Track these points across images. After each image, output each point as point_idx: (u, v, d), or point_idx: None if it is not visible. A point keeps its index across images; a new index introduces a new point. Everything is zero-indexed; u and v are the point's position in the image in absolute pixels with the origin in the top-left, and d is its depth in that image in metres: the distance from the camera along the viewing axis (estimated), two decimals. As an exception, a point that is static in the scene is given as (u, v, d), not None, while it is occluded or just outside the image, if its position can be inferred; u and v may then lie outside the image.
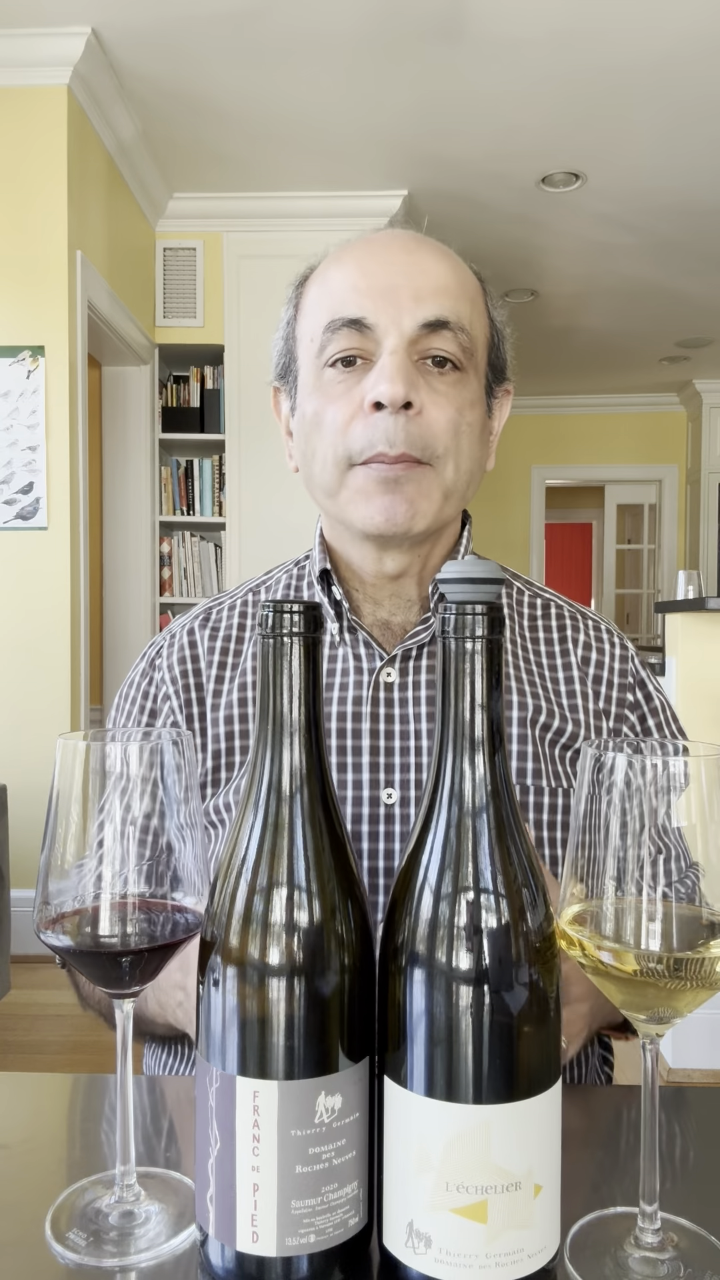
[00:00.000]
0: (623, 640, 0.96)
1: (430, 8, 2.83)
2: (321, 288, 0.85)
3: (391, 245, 0.84)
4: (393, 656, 0.86)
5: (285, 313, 0.91)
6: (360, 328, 0.80)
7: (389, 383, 0.78)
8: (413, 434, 0.80)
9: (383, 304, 0.80)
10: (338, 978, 0.46)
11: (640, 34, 2.94)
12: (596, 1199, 0.55)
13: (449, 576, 0.46)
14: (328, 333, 0.82)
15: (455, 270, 0.84)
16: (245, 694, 0.89)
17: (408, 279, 0.81)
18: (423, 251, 0.84)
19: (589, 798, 0.48)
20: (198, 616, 0.95)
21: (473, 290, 0.86)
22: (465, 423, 0.83)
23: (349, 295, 0.81)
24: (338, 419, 0.82)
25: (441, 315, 0.81)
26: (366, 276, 0.81)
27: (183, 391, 4.34)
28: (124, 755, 0.51)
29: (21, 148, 3.15)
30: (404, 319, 0.80)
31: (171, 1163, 0.58)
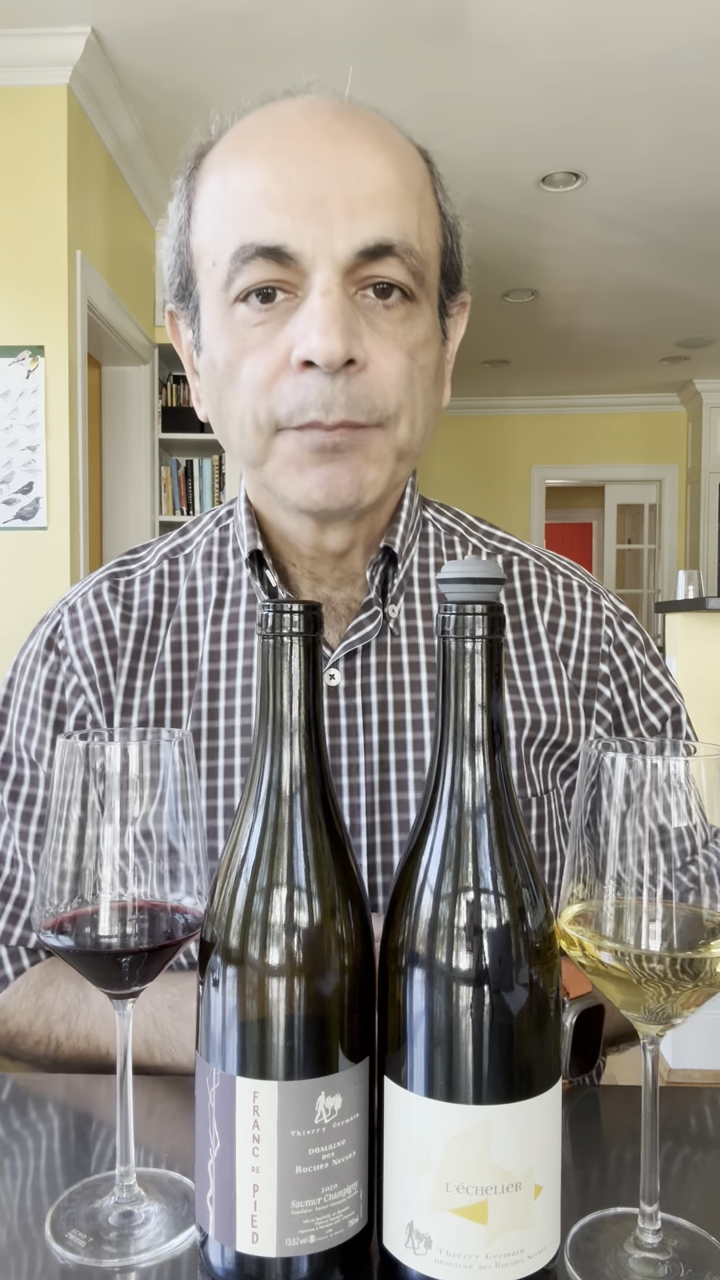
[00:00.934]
0: (598, 598, 0.82)
1: (430, 8, 2.83)
2: (221, 188, 0.66)
3: (312, 129, 0.65)
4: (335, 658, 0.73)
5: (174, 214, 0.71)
6: (279, 257, 0.63)
7: (322, 335, 0.61)
8: (355, 395, 0.64)
9: (306, 223, 0.62)
10: (338, 978, 0.46)
11: (640, 34, 2.94)
12: (596, 1199, 0.55)
13: (449, 576, 0.46)
14: (235, 262, 0.64)
15: (397, 160, 0.65)
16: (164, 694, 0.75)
17: (338, 181, 0.62)
18: (354, 138, 0.64)
19: (589, 798, 0.48)
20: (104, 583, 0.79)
21: (419, 182, 0.67)
22: (419, 368, 0.67)
23: (261, 209, 0.63)
24: (257, 374, 0.65)
25: (385, 236, 0.63)
26: (281, 181, 0.63)
27: (183, 391, 4.34)
28: (124, 755, 0.51)
29: (21, 148, 3.15)
30: (336, 243, 0.62)
31: (171, 1163, 0.58)
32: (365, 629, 0.74)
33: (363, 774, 0.74)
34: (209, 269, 0.67)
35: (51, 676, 0.77)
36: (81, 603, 0.78)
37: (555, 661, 0.78)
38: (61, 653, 0.77)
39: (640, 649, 0.82)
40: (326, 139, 0.64)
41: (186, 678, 0.76)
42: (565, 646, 0.79)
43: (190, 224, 0.70)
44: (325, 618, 0.72)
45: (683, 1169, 0.59)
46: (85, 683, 0.75)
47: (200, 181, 0.69)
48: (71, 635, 0.77)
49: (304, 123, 0.66)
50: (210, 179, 0.68)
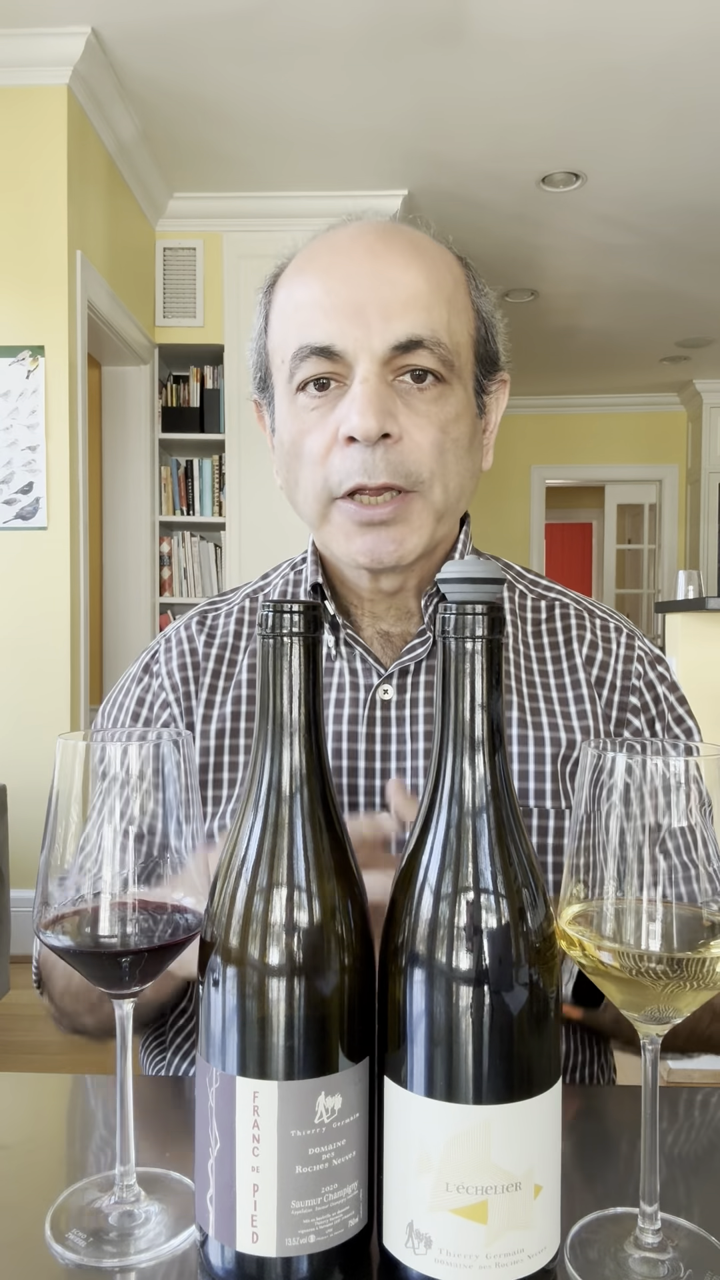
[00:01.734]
0: (632, 639, 0.90)
1: (430, 8, 2.83)
2: (287, 300, 0.80)
3: (355, 249, 0.78)
4: (390, 674, 0.83)
5: (256, 321, 0.86)
6: (329, 355, 0.76)
7: (360, 415, 0.74)
8: (393, 462, 0.76)
9: (349, 326, 0.75)
10: (338, 978, 0.46)
11: (640, 34, 2.94)
12: (596, 1199, 0.55)
13: (449, 576, 0.46)
14: (296, 360, 0.78)
15: (429, 270, 0.78)
16: (240, 707, 0.85)
17: (374, 293, 0.75)
18: (390, 254, 0.77)
19: (589, 798, 0.48)
20: (194, 619, 0.92)
21: (451, 286, 0.79)
22: (450, 440, 0.78)
23: (314, 317, 0.76)
24: (315, 449, 0.78)
25: (414, 334, 0.75)
26: (330, 294, 0.76)
27: (183, 391, 4.34)
28: (124, 755, 0.51)
29: (21, 148, 3.15)
30: (374, 340, 0.75)
31: (171, 1163, 0.58)
32: (417, 650, 0.83)
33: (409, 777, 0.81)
34: (279, 365, 0.81)
35: (142, 695, 0.89)
36: (175, 634, 0.91)
37: (590, 690, 0.86)
38: (154, 674, 0.89)
39: (669, 688, 0.90)
40: (367, 257, 0.77)
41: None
42: (600, 679, 0.87)
43: (267, 330, 0.84)
44: (382, 651, 0.86)
45: (683, 1169, 0.59)
46: (171, 698, 0.87)
47: (274, 296, 0.83)
48: (164, 660, 0.89)
49: (350, 244, 0.79)
50: (280, 294, 0.82)
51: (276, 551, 3.82)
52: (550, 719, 0.83)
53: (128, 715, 0.88)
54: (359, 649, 0.84)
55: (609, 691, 0.86)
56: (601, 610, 0.93)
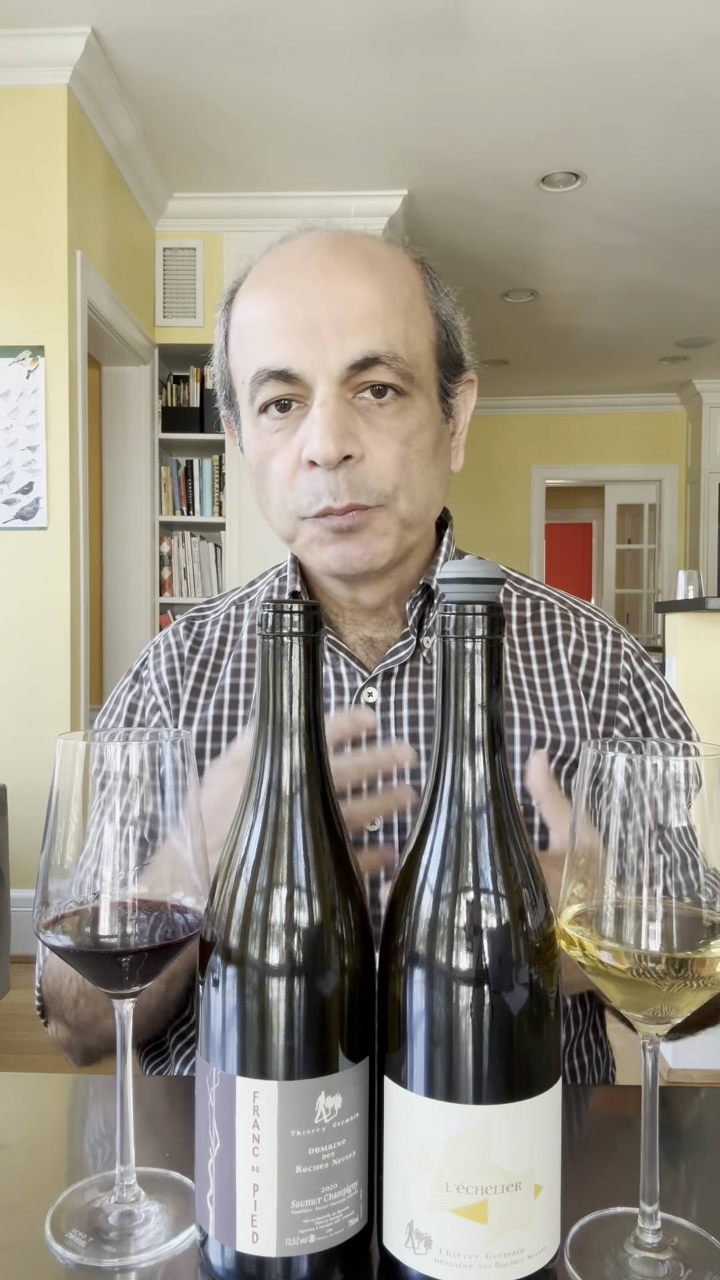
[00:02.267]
0: (618, 637, 0.91)
1: (430, 8, 2.83)
2: (243, 318, 0.79)
3: (307, 265, 0.76)
4: (374, 677, 0.83)
5: (217, 339, 0.85)
6: (286, 377, 0.75)
7: (320, 440, 0.73)
8: (355, 483, 0.76)
9: (304, 348, 0.74)
10: (338, 978, 0.46)
11: (640, 33, 2.94)
12: (596, 1199, 0.55)
13: (449, 576, 0.46)
14: (254, 384, 0.77)
15: (382, 283, 0.76)
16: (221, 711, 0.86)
17: (327, 311, 0.74)
18: (342, 269, 0.76)
19: (589, 798, 0.48)
20: (182, 624, 0.93)
21: (407, 295, 0.78)
22: (414, 451, 0.78)
23: (268, 338, 0.76)
24: (281, 472, 0.78)
25: (370, 351, 0.74)
26: (283, 313, 0.75)
27: (183, 391, 4.34)
28: (124, 755, 0.51)
29: (21, 148, 3.15)
30: (329, 361, 0.74)
31: (171, 1163, 0.58)
32: (400, 654, 0.83)
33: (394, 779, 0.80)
34: (240, 386, 0.81)
35: (134, 701, 0.90)
36: (163, 640, 0.93)
37: (577, 690, 0.86)
38: (144, 680, 0.90)
39: (657, 684, 0.90)
40: (319, 274, 0.76)
41: (243, 699, 0.87)
42: (587, 678, 0.87)
43: (228, 348, 0.83)
44: (366, 655, 0.86)
45: (683, 1169, 0.59)
46: (160, 701, 0.88)
47: (232, 313, 0.82)
48: (153, 665, 0.90)
49: (302, 260, 0.77)
50: (236, 311, 0.81)
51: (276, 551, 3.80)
52: (537, 718, 0.84)
53: (121, 722, 0.90)
54: (342, 655, 0.84)
55: (596, 690, 0.86)
56: (586, 609, 0.93)
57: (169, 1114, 0.66)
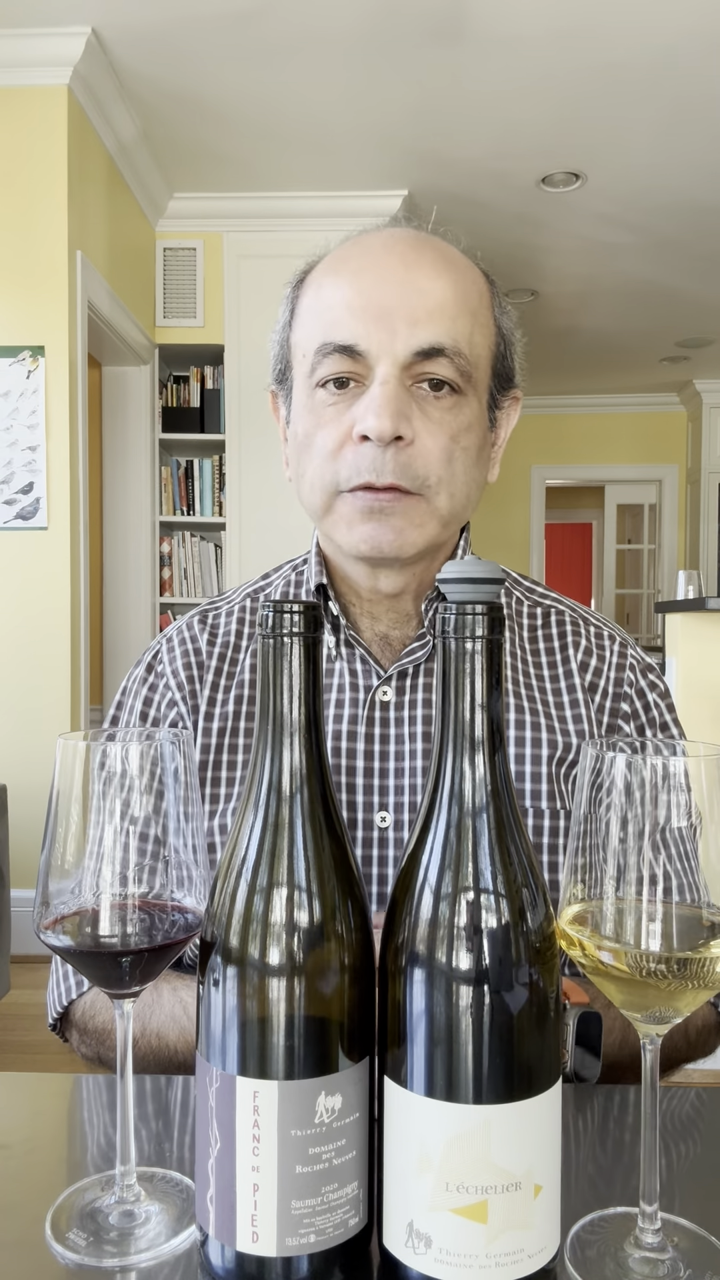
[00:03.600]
0: (625, 647, 0.92)
1: (430, 7, 2.83)
2: (315, 298, 0.82)
3: (389, 256, 0.80)
4: (389, 675, 0.84)
5: (281, 315, 0.87)
6: (351, 353, 0.78)
7: (376, 417, 0.75)
8: (402, 464, 0.77)
9: (375, 329, 0.77)
10: (338, 978, 0.46)
11: (640, 32, 2.94)
12: (596, 1199, 0.55)
13: (449, 576, 0.46)
14: (319, 355, 0.79)
15: (456, 282, 0.80)
16: (241, 706, 0.86)
17: (403, 299, 0.77)
18: (422, 264, 0.79)
19: (589, 798, 0.48)
20: (195, 618, 0.93)
21: (475, 300, 0.81)
22: (460, 448, 0.80)
23: (341, 316, 0.78)
24: (327, 444, 0.79)
25: (436, 341, 0.77)
26: (360, 294, 0.78)
27: (183, 391, 4.34)
28: (124, 755, 0.51)
29: (21, 148, 3.15)
30: (397, 345, 0.77)
31: (171, 1163, 0.58)
32: (416, 654, 0.85)
33: (406, 783, 0.82)
34: (300, 360, 0.83)
35: (149, 695, 0.89)
36: (176, 633, 0.92)
37: (584, 695, 0.87)
38: (159, 674, 0.90)
39: (660, 695, 0.91)
40: (399, 265, 0.79)
41: None
42: (593, 685, 0.88)
43: (292, 324, 0.85)
44: (381, 653, 0.87)
45: (683, 1169, 0.59)
46: (177, 696, 0.88)
47: (302, 292, 0.85)
48: (168, 660, 0.90)
49: (383, 250, 0.81)
50: (309, 292, 0.84)
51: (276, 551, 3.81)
52: (546, 720, 0.85)
53: (136, 717, 0.89)
54: (359, 649, 0.85)
55: (601, 698, 0.88)
56: (596, 619, 0.94)
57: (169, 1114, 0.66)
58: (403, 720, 0.83)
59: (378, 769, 0.82)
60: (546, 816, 0.82)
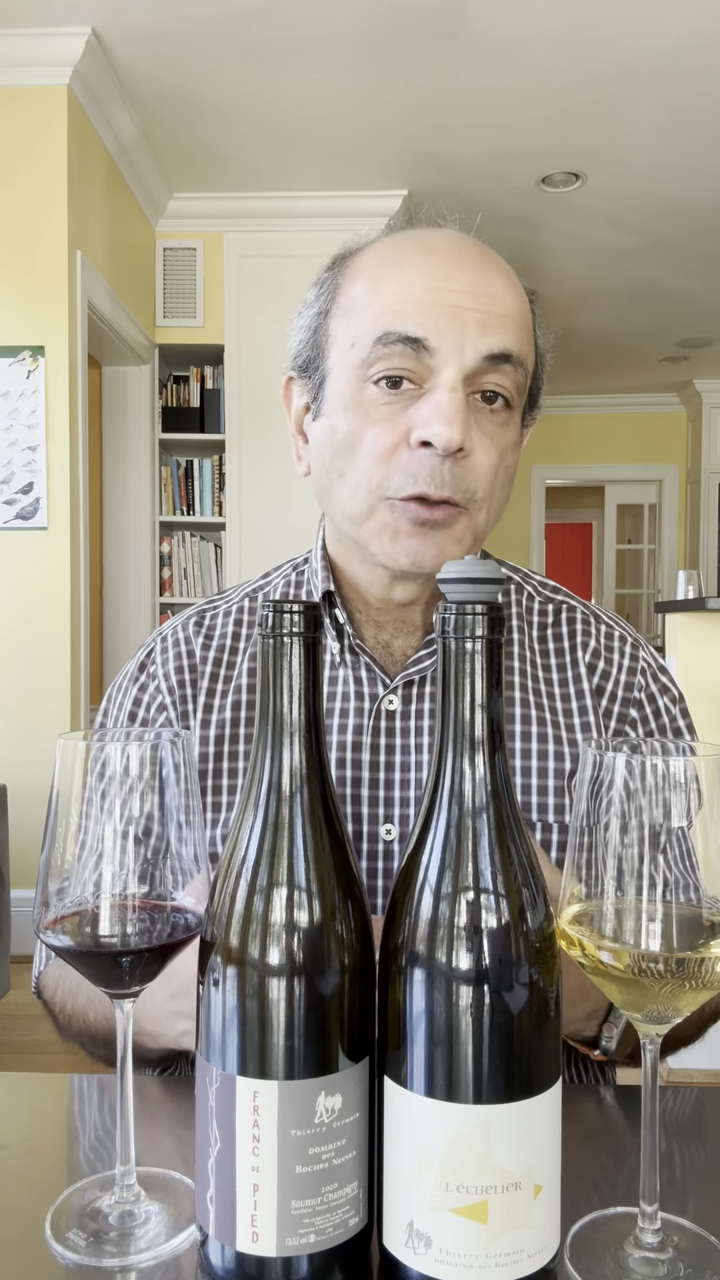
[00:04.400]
0: (636, 649, 0.89)
1: (430, 7, 2.83)
2: (373, 289, 0.76)
3: (460, 261, 0.76)
4: (395, 685, 0.82)
5: (315, 299, 0.82)
6: (418, 348, 0.73)
7: (446, 425, 0.72)
8: (458, 476, 0.74)
9: (446, 327, 0.73)
10: (338, 978, 0.46)
11: (640, 32, 2.94)
12: (596, 1199, 0.55)
13: (449, 576, 0.46)
14: (379, 346, 0.74)
15: (519, 296, 0.78)
16: (239, 712, 0.84)
17: (476, 301, 0.74)
18: (492, 272, 0.77)
19: (589, 797, 0.48)
20: (191, 618, 0.90)
21: (530, 320, 0.80)
22: (504, 466, 0.78)
23: (409, 309, 0.73)
24: (378, 445, 0.75)
25: (507, 348, 0.74)
26: (431, 291, 0.74)
27: (183, 391, 4.34)
28: (124, 755, 0.51)
29: (21, 148, 3.15)
30: (467, 348, 0.73)
31: (171, 1163, 0.58)
32: (424, 663, 0.82)
33: (413, 795, 0.80)
34: (346, 349, 0.77)
35: (139, 695, 0.87)
36: (171, 633, 0.89)
37: (592, 700, 0.85)
38: (151, 675, 0.87)
39: (671, 700, 0.89)
40: (470, 270, 0.76)
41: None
42: (600, 688, 0.86)
43: (331, 311, 0.80)
44: (384, 661, 0.84)
45: (683, 1169, 0.59)
46: (168, 701, 0.85)
47: (347, 279, 0.79)
48: (160, 660, 0.88)
49: (453, 252, 0.77)
50: (358, 281, 0.78)
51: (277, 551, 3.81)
52: (555, 731, 0.83)
53: (124, 715, 0.87)
54: (364, 657, 0.83)
55: (608, 701, 0.85)
56: (608, 617, 0.92)
57: (169, 1114, 0.66)
58: (409, 730, 0.82)
59: (383, 780, 0.80)
60: (555, 830, 0.80)
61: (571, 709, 0.84)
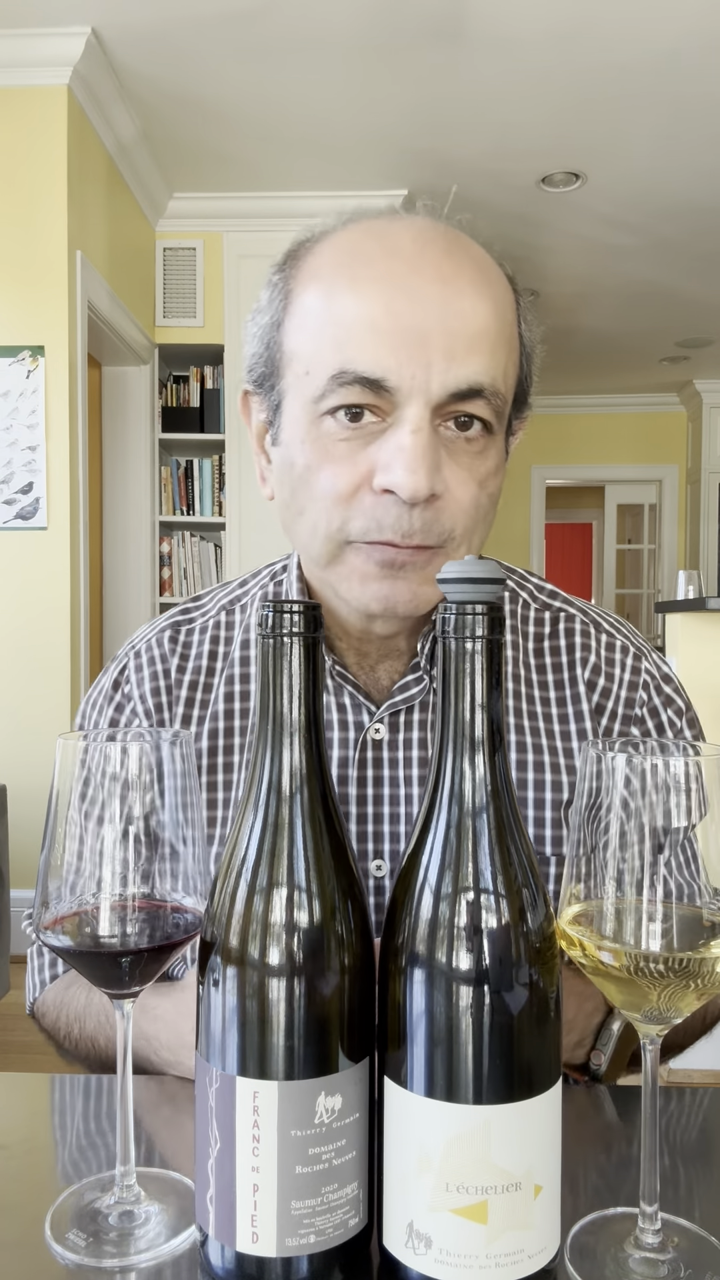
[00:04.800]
0: (639, 661, 0.84)
1: (430, 8, 2.83)
2: (326, 305, 0.68)
3: (423, 265, 0.67)
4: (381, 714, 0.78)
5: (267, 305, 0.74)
6: (376, 387, 0.66)
7: (409, 472, 0.64)
8: (429, 522, 0.67)
9: (407, 360, 0.65)
10: (338, 978, 0.46)
11: (640, 33, 2.94)
12: (596, 1199, 0.55)
13: (449, 576, 0.46)
14: (333, 382, 0.67)
15: (496, 304, 0.69)
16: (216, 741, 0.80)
17: (441, 323, 0.65)
18: (460, 278, 0.67)
19: (589, 798, 0.48)
20: (165, 631, 0.85)
21: (511, 322, 0.71)
22: (486, 495, 0.70)
23: (365, 339, 0.65)
24: (338, 488, 0.68)
25: (477, 381, 0.66)
26: (391, 316, 0.65)
27: (183, 391, 4.34)
28: (124, 755, 0.51)
29: (21, 148, 3.15)
30: (432, 382, 0.65)
31: (171, 1163, 0.58)
32: (410, 690, 0.78)
33: (403, 823, 0.77)
34: (300, 375, 0.70)
35: (115, 715, 0.84)
36: (145, 649, 0.85)
37: (591, 722, 0.81)
38: (126, 695, 0.84)
39: (677, 712, 0.84)
40: (435, 278, 0.66)
41: (238, 725, 0.81)
42: (600, 706, 0.81)
43: (284, 323, 0.72)
44: (369, 687, 0.79)
45: (683, 1169, 0.59)
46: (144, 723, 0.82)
47: (300, 284, 0.71)
48: (135, 680, 0.83)
49: (416, 255, 0.67)
50: (312, 289, 0.70)
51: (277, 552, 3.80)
52: (553, 758, 0.79)
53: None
54: (348, 687, 0.78)
55: (608, 720, 0.81)
56: (609, 624, 0.86)
57: (169, 1114, 0.66)
58: (397, 761, 0.78)
59: (371, 813, 0.77)
60: (553, 864, 0.77)
61: (570, 731, 0.80)
